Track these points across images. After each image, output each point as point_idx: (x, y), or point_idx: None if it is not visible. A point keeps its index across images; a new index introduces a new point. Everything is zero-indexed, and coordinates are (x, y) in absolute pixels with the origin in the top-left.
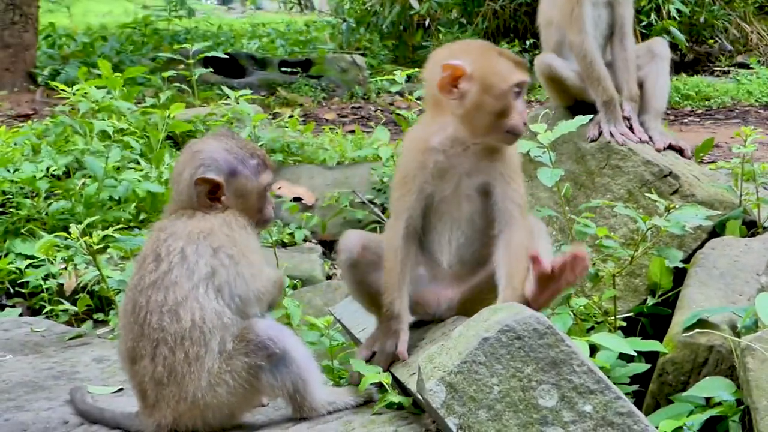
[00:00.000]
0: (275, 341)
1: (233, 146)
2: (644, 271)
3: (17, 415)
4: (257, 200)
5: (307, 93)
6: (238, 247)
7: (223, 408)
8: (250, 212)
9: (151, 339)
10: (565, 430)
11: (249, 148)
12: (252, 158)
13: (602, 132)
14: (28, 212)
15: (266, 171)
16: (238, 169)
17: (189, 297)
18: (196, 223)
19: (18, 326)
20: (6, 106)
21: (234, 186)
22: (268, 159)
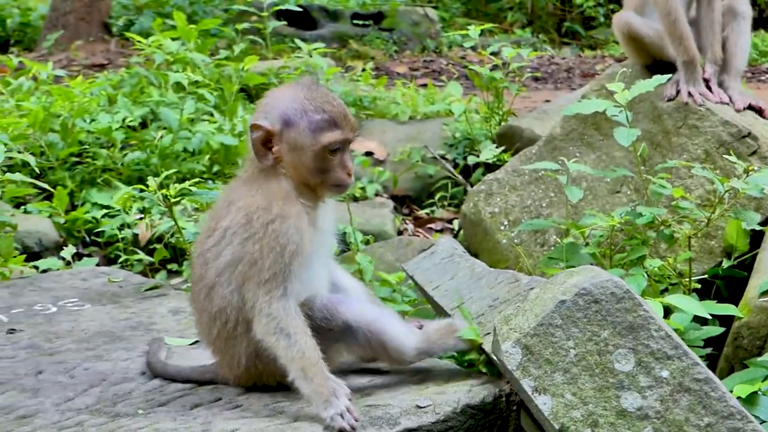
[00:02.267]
0: (331, 317)
1: (303, 96)
2: (720, 233)
3: (96, 364)
4: (313, 160)
5: (379, 46)
6: (266, 240)
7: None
8: (307, 173)
9: (197, 307)
10: (642, 395)
11: (320, 101)
12: (317, 113)
13: (680, 92)
14: (104, 162)
15: (332, 130)
16: (293, 121)
17: (216, 284)
18: (246, 197)
19: (95, 276)
20: (81, 55)
21: (287, 138)
22: (342, 118)
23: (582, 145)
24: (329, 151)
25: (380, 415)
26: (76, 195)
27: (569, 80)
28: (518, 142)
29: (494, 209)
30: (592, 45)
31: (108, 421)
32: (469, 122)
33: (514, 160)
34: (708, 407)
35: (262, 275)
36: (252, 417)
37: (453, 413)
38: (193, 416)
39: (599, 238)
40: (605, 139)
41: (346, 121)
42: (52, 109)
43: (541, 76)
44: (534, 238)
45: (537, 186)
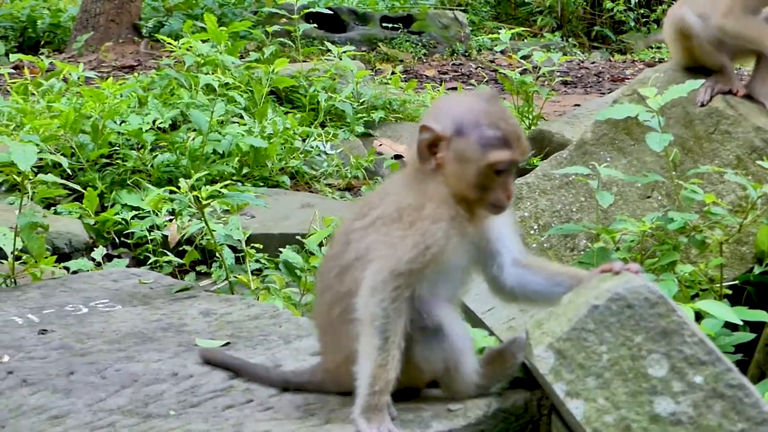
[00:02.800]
0: (428, 315)
1: (479, 108)
2: (751, 239)
3: (128, 365)
4: (476, 175)
5: (408, 49)
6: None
7: None
8: (467, 186)
9: (323, 284)
10: (675, 400)
11: (496, 117)
12: (491, 128)
13: (713, 97)
14: (134, 164)
15: (502, 149)
16: (465, 130)
17: (351, 266)
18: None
19: (126, 277)
20: (111, 57)
21: (456, 147)
22: (515, 138)
23: (613, 149)
24: (494, 170)
25: (411, 418)
26: (106, 196)
27: (599, 85)
28: (548, 146)
29: (524, 213)
30: (622, 49)
31: (140, 421)
32: None
33: (545, 165)
34: (741, 413)
35: (398, 265)
36: (283, 419)
37: (484, 417)
38: (224, 418)
39: (630, 243)
40: (636, 144)
41: (518, 143)
42: (83, 111)
43: (571, 81)
44: (564, 242)
45: (567, 190)
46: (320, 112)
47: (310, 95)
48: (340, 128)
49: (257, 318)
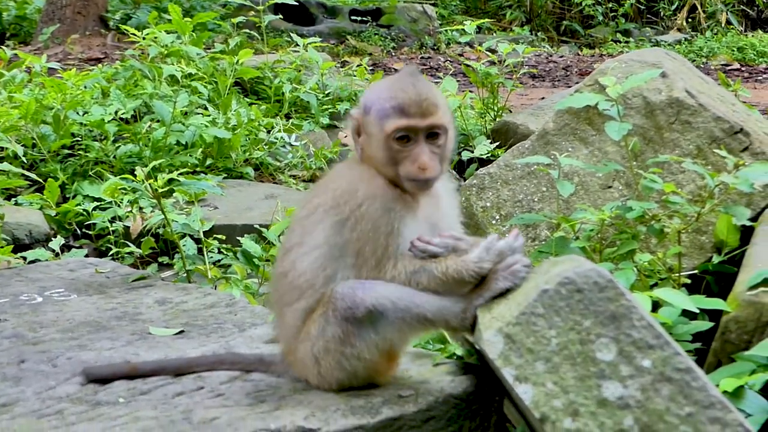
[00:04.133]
0: (354, 305)
1: (384, 85)
2: (711, 228)
3: (80, 354)
4: (383, 149)
5: (377, 42)
6: (360, 226)
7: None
8: (380, 164)
9: (278, 272)
10: (623, 384)
11: (396, 89)
12: (387, 100)
13: None
14: (97, 155)
15: (398, 117)
16: (368, 107)
17: (290, 250)
18: (336, 180)
19: (83, 267)
20: (77, 49)
21: (365, 126)
22: (411, 104)
23: (575, 140)
24: (395, 140)
25: (361, 404)
26: (67, 187)
27: (567, 78)
28: (513, 138)
29: (486, 203)
30: (590, 44)
31: (88, 409)
32: (463, 118)
33: (507, 155)
34: (689, 397)
35: (369, 263)
36: (233, 405)
37: (435, 403)
38: (174, 405)
39: (589, 232)
40: (598, 134)
41: (416, 107)
42: (45, 102)
43: (539, 74)
44: (525, 232)
45: (529, 180)
46: (285, 104)
47: (275, 87)
48: (305, 120)
49: (213, 306)
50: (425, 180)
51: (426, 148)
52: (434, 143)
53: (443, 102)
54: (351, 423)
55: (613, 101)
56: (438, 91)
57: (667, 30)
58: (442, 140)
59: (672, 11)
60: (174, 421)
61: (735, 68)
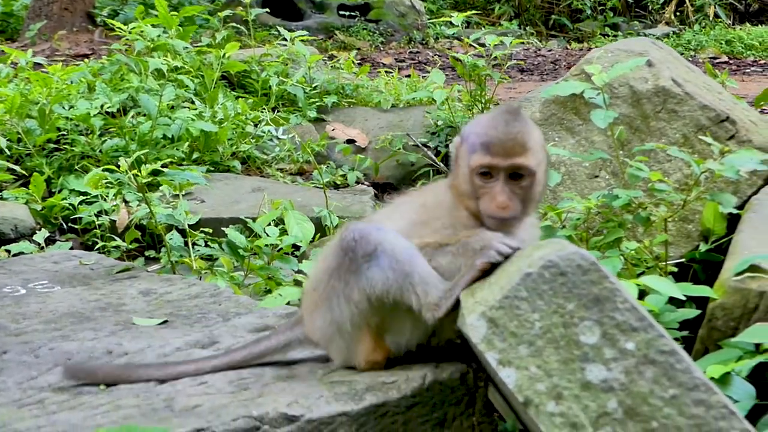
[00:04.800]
0: (361, 238)
1: (485, 118)
2: (697, 217)
3: (62, 344)
4: (466, 182)
5: (365, 37)
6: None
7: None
8: (464, 194)
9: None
10: (607, 367)
11: (491, 125)
12: (480, 135)
13: None
14: (82, 149)
15: (483, 153)
16: (464, 138)
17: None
18: (422, 193)
19: (67, 259)
20: (65, 45)
21: (459, 155)
22: (497, 143)
23: (561, 129)
24: (478, 175)
25: (345, 391)
26: (53, 182)
27: (555, 72)
28: None
29: None
30: (579, 38)
31: (70, 398)
32: (451, 110)
33: None
34: (673, 379)
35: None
36: (215, 393)
37: (420, 389)
38: (156, 393)
39: (576, 221)
40: (585, 123)
41: (500, 147)
42: (30, 96)
43: (528, 68)
44: None
45: None
46: (272, 97)
47: (262, 80)
48: (292, 113)
49: (197, 297)
50: (501, 219)
51: (506, 188)
52: (517, 184)
53: (536, 144)
54: (335, 409)
55: (598, 89)
56: (533, 133)
57: (655, 24)
58: (526, 182)
59: (660, 5)
60: (156, 409)
61: (723, 61)
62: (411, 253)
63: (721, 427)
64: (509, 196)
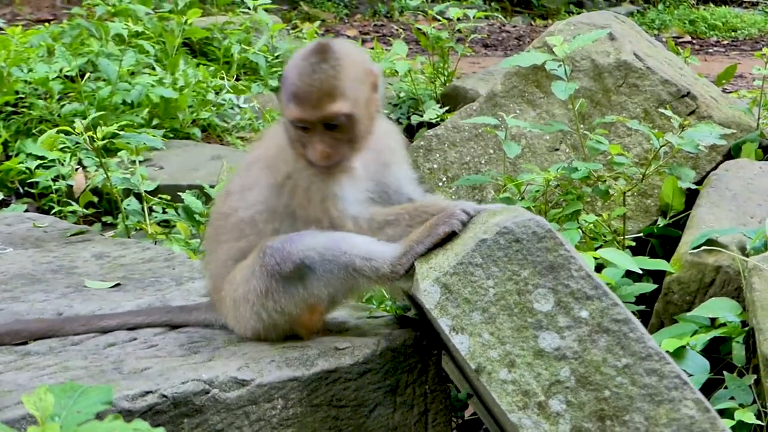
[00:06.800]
0: (282, 261)
1: (294, 63)
2: (656, 192)
3: (12, 305)
4: (287, 129)
5: (330, 9)
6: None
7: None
8: (291, 141)
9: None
10: (560, 335)
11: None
12: (289, 85)
13: None
14: (40, 113)
15: (293, 106)
16: (283, 81)
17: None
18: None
19: (21, 221)
20: (26, 10)
21: (280, 99)
22: (303, 96)
23: (523, 102)
24: (295, 127)
25: (297, 356)
26: (10, 145)
27: (520, 48)
28: (462, 103)
29: (433, 165)
30: (543, 14)
31: (17, 359)
32: (413, 82)
33: (455, 117)
34: (626, 348)
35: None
36: (166, 356)
37: (372, 355)
38: (105, 355)
39: (535, 193)
40: (546, 96)
41: (307, 98)
42: None
43: (492, 44)
44: (472, 194)
45: (476, 143)
46: (234, 65)
47: (224, 48)
48: (254, 82)
49: (151, 261)
50: (327, 167)
51: (324, 137)
52: (336, 130)
53: (350, 82)
54: (285, 374)
55: (560, 61)
56: (345, 71)
57: (620, 2)
58: (344, 129)
59: None
60: (104, 371)
61: (686, 41)
62: (338, 243)
63: (673, 397)
64: (329, 144)
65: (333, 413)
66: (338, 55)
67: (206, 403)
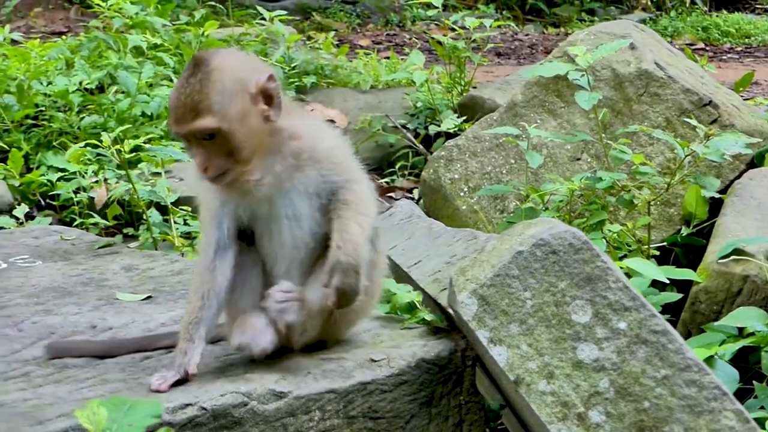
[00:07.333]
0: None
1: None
2: (679, 201)
3: (45, 318)
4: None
5: (342, 19)
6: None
7: None
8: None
9: None
10: (598, 346)
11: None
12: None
13: None
14: (61, 126)
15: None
16: None
17: None
18: None
19: (48, 234)
20: (41, 22)
21: None
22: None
23: (543, 111)
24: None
25: (333, 368)
26: (31, 158)
27: (532, 56)
28: (480, 112)
29: (454, 175)
30: (555, 23)
31: (55, 371)
32: (430, 92)
33: (475, 127)
34: (665, 359)
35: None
36: (202, 369)
37: (407, 367)
38: (142, 368)
39: (558, 203)
40: (567, 106)
41: (176, 113)
42: (8, 71)
43: (505, 52)
44: (494, 204)
45: (497, 152)
46: None
47: None
48: None
49: (180, 273)
50: (210, 179)
51: (200, 150)
52: (211, 143)
53: (220, 96)
54: (323, 387)
55: (583, 71)
56: (215, 85)
57: (631, 9)
58: (218, 140)
59: None
60: (143, 384)
61: (699, 48)
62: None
63: (713, 408)
64: (207, 157)
65: (369, 425)
66: (209, 68)
67: (245, 415)
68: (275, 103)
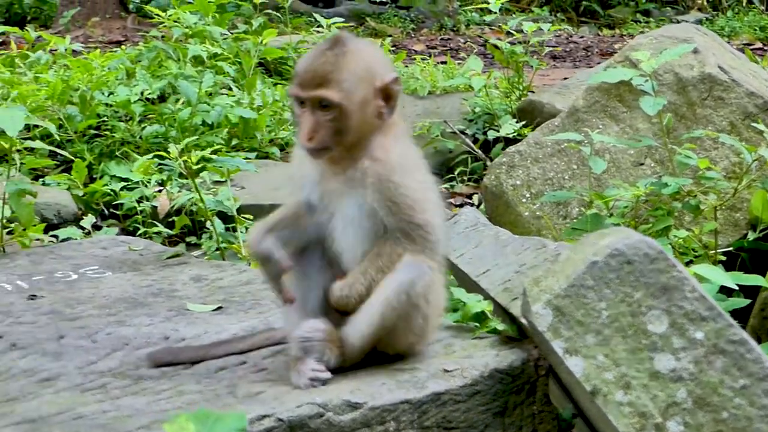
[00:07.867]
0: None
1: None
2: (745, 205)
3: (119, 329)
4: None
5: (396, 24)
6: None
7: None
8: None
9: None
10: (675, 356)
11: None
12: (297, 66)
13: None
14: (123, 135)
15: (293, 83)
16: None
17: None
18: None
19: (116, 245)
20: (98, 32)
21: None
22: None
23: (605, 116)
24: (295, 104)
25: (407, 378)
26: (94, 168)
27: (588, 59)
28: (539, 117)
29: (516, 182)
30: (610, 24)
31: (131, 383)
32: (489, 97)
33: (536, 133)
34: (743, 369)
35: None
36: (277, 380)
37: (481, 377)
38: (217, 379)
39: (623, 209)
40: (629, 110)
41: (304, 78)
42: (71, 82)
43: (560, 55)
44: (556, 210)
45: (559, 158)
46: None
47: None
48: None
49: (249, 283)
50: (309, 150)
51: (312, 118)
52: (324, 115)
53: (349, 75)
54: (397, 397)
55: (647, 76)
56: (349, 65)
57: (687, 10)
58: (332, 114)
59: None
60: (219, 395)
61: (758, 48)
62: None
63: None
64: (314, 127)
65: None
66: (347, 49)
67: (321, 426)
68: (392, 104)
